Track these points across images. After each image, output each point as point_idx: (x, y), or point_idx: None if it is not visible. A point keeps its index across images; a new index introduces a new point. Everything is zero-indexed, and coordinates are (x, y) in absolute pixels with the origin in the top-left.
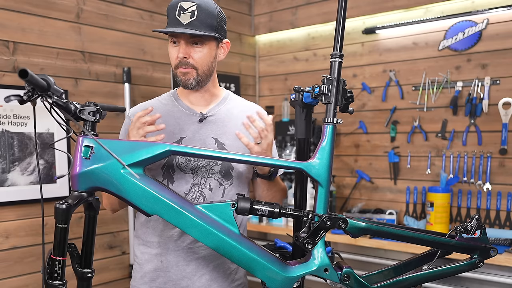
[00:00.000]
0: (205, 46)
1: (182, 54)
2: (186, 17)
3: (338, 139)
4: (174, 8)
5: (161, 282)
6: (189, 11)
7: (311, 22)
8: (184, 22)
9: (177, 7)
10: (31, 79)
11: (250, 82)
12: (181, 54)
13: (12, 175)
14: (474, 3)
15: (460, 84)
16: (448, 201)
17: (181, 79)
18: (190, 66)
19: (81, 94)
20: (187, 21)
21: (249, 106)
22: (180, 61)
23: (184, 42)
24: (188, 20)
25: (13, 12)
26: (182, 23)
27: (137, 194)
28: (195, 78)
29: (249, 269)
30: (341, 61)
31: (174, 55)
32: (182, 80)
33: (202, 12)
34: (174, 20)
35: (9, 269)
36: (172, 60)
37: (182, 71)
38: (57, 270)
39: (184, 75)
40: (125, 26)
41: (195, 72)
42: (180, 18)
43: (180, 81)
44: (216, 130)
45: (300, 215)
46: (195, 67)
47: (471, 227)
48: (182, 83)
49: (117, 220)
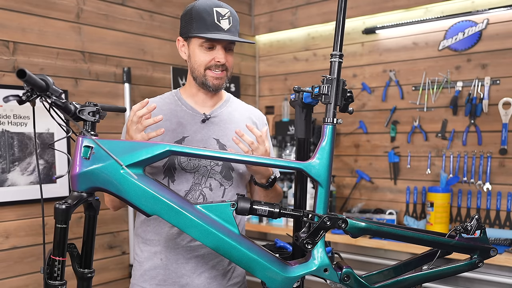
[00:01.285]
0: (232, 52)
1: (223, 60)
2: (225, 23)
3: (338, 139)
4: (209, 13)
5: (161, 279)
6: (226, 17)
7: (311, 22)
8: (225, 28)
9: (214, 12)
10: (29, 79)
11: (250, 82)
12: (223, 59)
13: (12, 175)
14: (474, 3)
15: (460, 84)
16: (448, 201)
17: (212, 83)
18: (225, 70)
19: (81, 94)
20: (227, 27)
21: (249, 109)
22: (217, 64)
23: (222, 47)
24: (227, 26)
25: (13, 12)
26: (223, 29)
27: (137, 194)
28: (226, 81)
29: (249, 269)
30: (341, 61)
31: (208, 58)
32: (214, 84)
33: (234, 18)
34: (213, 25)
35: (9, 269)
36: (203, 62)
37: (216, 75)
38: (57, 270)
39: (217, 79)
40: (125, 26)
41: (226, 76)
42: (221, 24)
43: (212, 85)
44: (218, 131)
45: (300, 215)
46: (227, 69)
47: (471, 227)
48: (215, 87)
49: (117, 220)
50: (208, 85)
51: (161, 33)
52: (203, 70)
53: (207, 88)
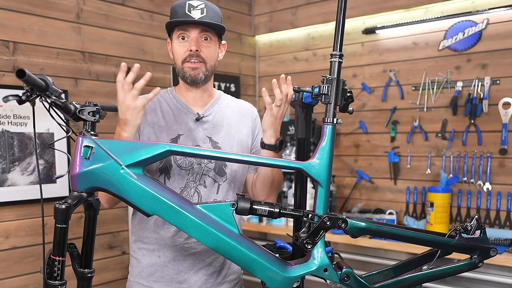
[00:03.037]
0: (212, 42)
1: (195, 47)
2: (197, 13)
3: (338, 139)
4: (182, 6)
5: (158, 276)
6: (199, 8)
7: (311, 22)
8: (195, 17)
9: (186, 5)
10: (29, 78)
11: (250, 82)
12: (194, 47)
13: (12, 175)
14: (474, 3)
15: (460, 84)
16: (448, 201)
17: (189, 74)
18: (201, 60)
19: (81, 94)
20: (198, 17)
21: (240, 104)
22: (191, 54)
23: (195, 36)
24: (199, 16)
25: (13, 12)
26: (193, 18)
27: (136, 194)
28: (204, 72)
29: (249, 269)
30: (341, 61)
31: (183, 49)
32: (191, 75)
33: (210, 10)
34: (184, 15)
35: (9, 269)
36: (179, 54)
37: (192, 65)
38: (57, 270)
39: (194, 70)
40: (125, 26)
41: (204, 67)
42: (191, 13)
43: (189, 76)
44: (211, 129)
45: (300, 215)
46: (205, 60)
47: (471, 227)
48: (191, 78)
49: (117, 220)
50: (186, 76)
51: (161, 33)
52: (181, 63)
53: (186, 81)
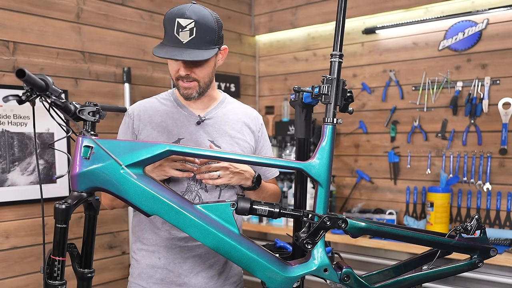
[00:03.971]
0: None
1: (184, 73)
2: (185, 35)
3: (338, 139)
4: (171, 24)
5: (158, 278)
6: (188, 28)
7: (311, 22)
8: (183, 40)
9: (175, 23)
10: (29, 78)
11: (250, 82)
12: (182, 72)
13: (12, 175)
14: (474, 3)
15: (460, 84)
16: (448, 201)
17: (182, 92)
18: (192, 80)
19: (81, 94)
20: (186, 40)
21: (245, 110)
22: (181, 75)
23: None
24: (187, 39)
25: (13, 12)
26: (181, 42)
27: (136, 194)
28: (197, 90)
29: (249, 269)
30: (341, 61)
31: (174, 69)
32: (184, 94)
33: (201, 28)
34: (172, 38)
35: (9, 269)
36: (172, 72)
37: (184, 85)
38: (57, 270)
39: (186, 89)
40: (125, 26)
41: (197, 86)
42: (179, 36)
43: (182, 94)
44: (213, 133)
45: (300, 215)
46: (197, 80)
47: (471, 227)
48: (184, 96)
49: (117, 220)
50: (180, 93)
51: (161, 33)
52: (175, 79)
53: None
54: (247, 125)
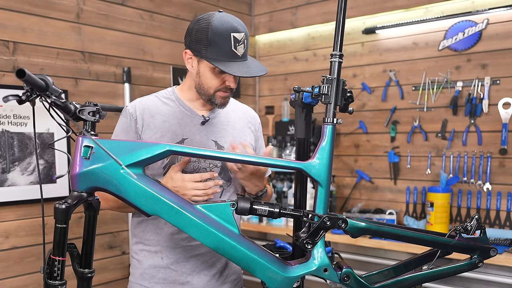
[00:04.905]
0: None
1: (235, 85)
2: (241, 48)
3: (338, 139)
4: (227, 40)
5: (160, 278)
6: (242, 41)
7: (311, 22)
8: (240, 54)
9: (231, 39)
10: (29, 78)
11: (250, 82)
12: (233, 84)
13: (12, 175)
14: (474, 3)
15: (460, 84)
16: (448, 201)
17: (220, 101)
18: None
19: (81, 94)
20: (241, 53)
21: (244, 110)
22: (226, 87)
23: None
24: (242, 51)
25: (13, 12)
26: (238, 56)
27: (136, 194)
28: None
29: (249, 269)
30: (341, 61)
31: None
32: (222, 103)
33: (247, 39)
34: (230, 53)
35: (9, 269)
36: (212, 83)
37: (225, 95)
38: (57, 270)
39: (225, 98)
40: (125, 26)
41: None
42: (237, 50)
43: (218, 103)
44: (216, 133)
45: (300, 215)
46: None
47: (471, 227)
48: (221, 105)
49: (117, 220)
50: (215, 103)
51: (161, 33)
52: (212, 92)
53: (212, 105)
54: (248, 125)
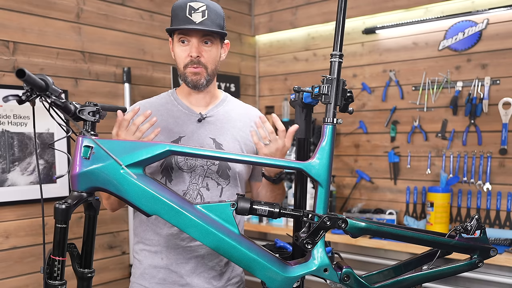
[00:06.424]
0: (213, 46)
1: (195, 53)
2: (198, 16)
3: (338, 139)
4: (183, 8)
5: (160, 278)
6: (200, 10)
7: (311, 22)
8: (196, 21)
9: (187, 7)
10: (29, 78)
11: (250, 82)
12: (194, 53)
13: (12, 175)
14: (474, 3)
15: (460, 84)
16: (448, 201)
17: (191, 79)
18: (201, 65)
19: (81, 94)
20: (199, 20)
21: (247, 108)
22: (192, 60)
23: (196, 41)
24: (200, 19)
25: (13, 12)
26: (194, 22)
27: (136, 194)
28: (206, 77)
29: (249, 269)
30: (341, 61)
31: (184, 54)
32: (193, 80)
33: (212, 12)
34: (184, 19)
35: (9, 269)
36: (180, 59)
37: (193, 70)
38: (57, 270)
39: (195, 75)
40: (125, 26)
41: (205, 72)
42: (192, 17)
43: (190, 81)
44: (215, 131)
45: (300, 215)
46: (205, 66)
47: (471, 227)
48: (193, 83)
49: (117, 220)
50: (187, 81)
51: (161, 33)
52: (182, 67)
53: (188, 86)
54: (250, 123)
